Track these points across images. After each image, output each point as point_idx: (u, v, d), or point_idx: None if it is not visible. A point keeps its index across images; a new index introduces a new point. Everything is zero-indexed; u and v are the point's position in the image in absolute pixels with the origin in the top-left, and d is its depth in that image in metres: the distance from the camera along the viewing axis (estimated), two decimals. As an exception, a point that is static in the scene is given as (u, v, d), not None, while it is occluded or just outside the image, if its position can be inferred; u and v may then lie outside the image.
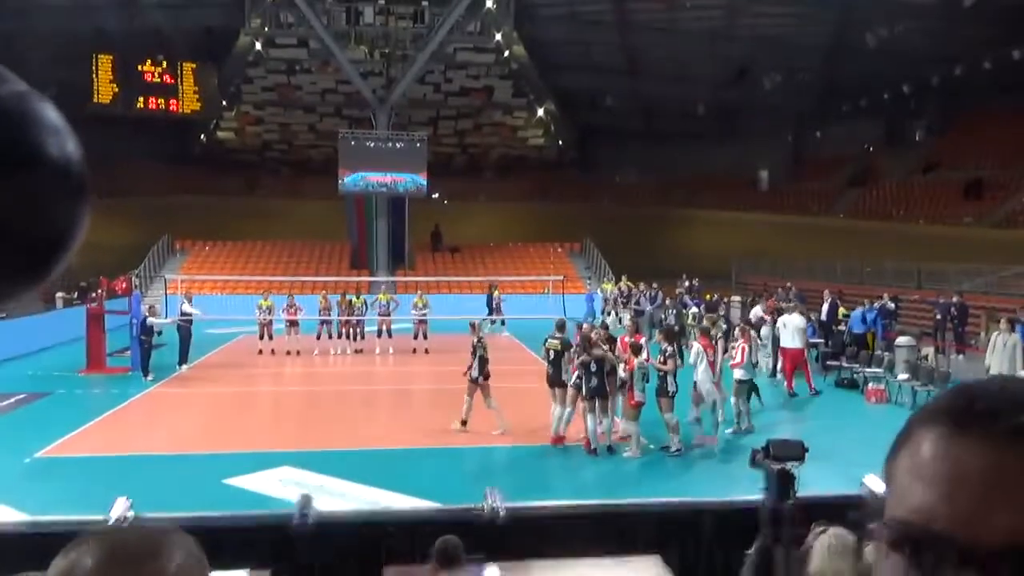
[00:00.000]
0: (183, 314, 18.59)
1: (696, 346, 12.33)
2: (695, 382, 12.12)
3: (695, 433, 12.02)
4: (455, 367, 16.01)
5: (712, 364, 12.15)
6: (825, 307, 20.20)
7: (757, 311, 20.24)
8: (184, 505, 7.40)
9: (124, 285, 25.75)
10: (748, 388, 12.97)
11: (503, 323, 25.42)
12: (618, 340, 12.39)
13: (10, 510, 8.21)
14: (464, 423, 12.23)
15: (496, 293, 26.86)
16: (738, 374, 12.69)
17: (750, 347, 13.25)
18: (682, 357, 19.12)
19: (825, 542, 3.47)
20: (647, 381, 11.13)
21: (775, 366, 16.85)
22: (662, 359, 11.43)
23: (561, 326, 12.40)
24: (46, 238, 0.59)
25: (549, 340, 12.13)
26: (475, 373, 12.23)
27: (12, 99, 0.57)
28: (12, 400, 14.81)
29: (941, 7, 29.62)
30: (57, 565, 0.92)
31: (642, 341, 12.10)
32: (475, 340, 12.52)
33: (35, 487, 9.53)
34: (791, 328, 15.81)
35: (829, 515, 6.25)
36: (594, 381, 11.18)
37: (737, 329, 14.03)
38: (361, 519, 7.13)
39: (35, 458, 10.92)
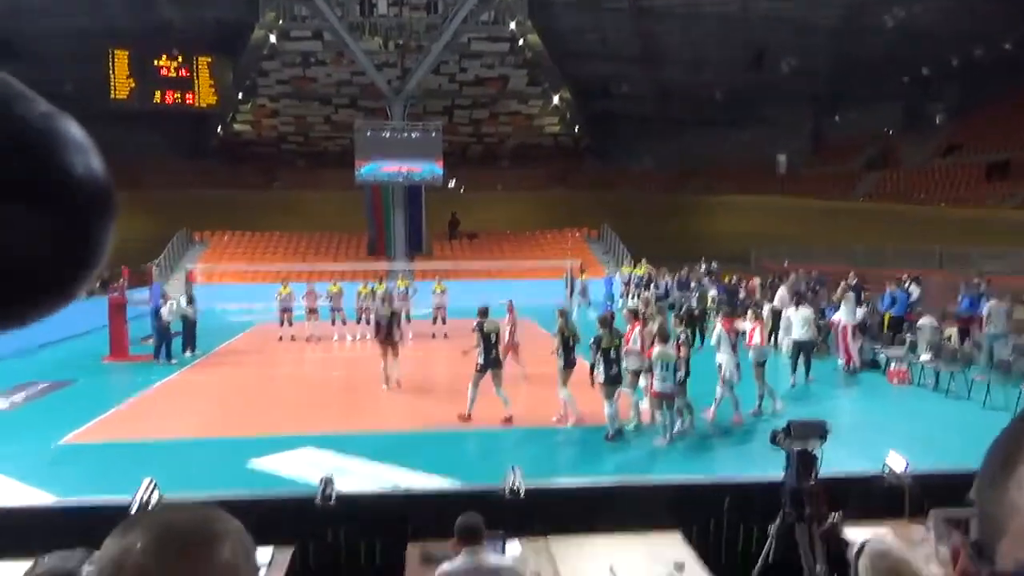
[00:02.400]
0: (189, 302, 18.77)
1: (718, 327, 12.25)
2: (719, 364, 12.06)
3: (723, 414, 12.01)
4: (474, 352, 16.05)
5: (734, 347, 12.09)
6: (851, 294, 20.17)
7: (779, 294, 20.20)
8: (208, 487, 7.47)
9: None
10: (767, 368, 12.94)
11: (589, 305, 25.30)
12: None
13: (40, 492, 8.32)
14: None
15: (583, 277, 26.86)
16: (753, 356, 12.61)
17: (766, 330, 13.24)
18: (702, 340, 19.21)
19: (865, 564, 3.35)
20: (669, 370, 10.80)
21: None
22: (675, 345, 11.26)
23: (484, 312, 12.46)
24: (75, 257, 0.58)
25: (487, 324, 12.24)
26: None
27: (38, 120, 0.56)
28: (38, 388, 14.99)
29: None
30: (110, 548, 0.91)
31: (651, 327, 11.98)
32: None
33: (62, 472, 9.63)
34: (844, 307, 16.12)
35: (851, 492, 6.24)
36: (614, 368, 11.08)
37: (750, 311, 13.98)
38: (384, 497, 7.19)
39: (61, 444, 11.05)
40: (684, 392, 11.39)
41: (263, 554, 5.42)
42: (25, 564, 5.02)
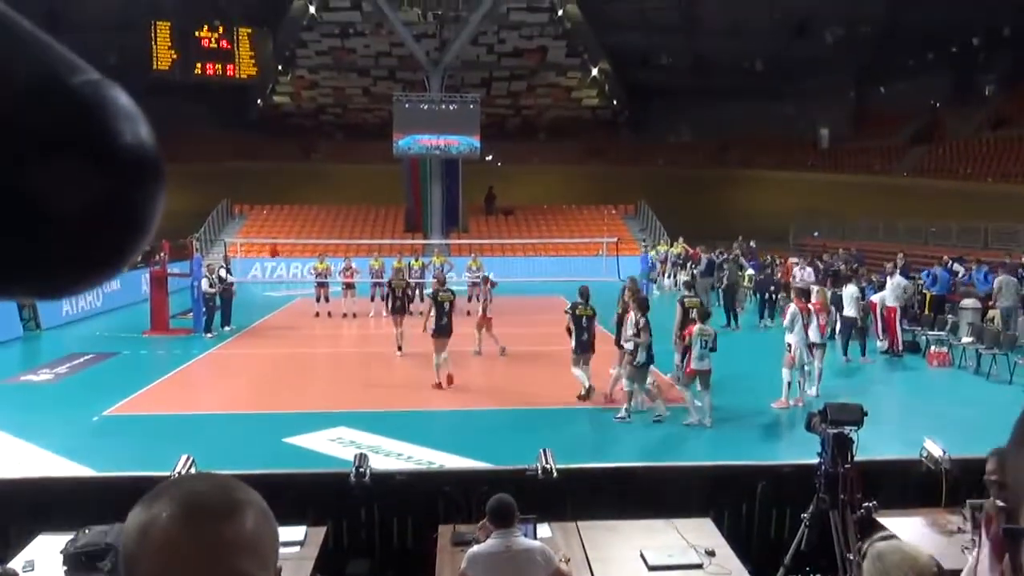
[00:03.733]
0: (222, 280, 18.86)
1: (792, 308, 12.14)
2: (788, 344, 11.91)
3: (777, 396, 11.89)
4: (509, 329, 16.11)
5: (806, 327, 12.01)
6: (894, 269, 19.86)
7: (798, 274, 20.02)
8: (245, 463, 7.59)
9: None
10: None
11: (654, 282, 25.66)
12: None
13: (78, 466, 8.52)
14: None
15: (652, 253, 27.20)
16: (787, 337, 12.39)
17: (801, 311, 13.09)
18: (736, 320, 19.14)
19: (868, 568, 3.28)
20: (710, 348, 10.83)
21: (832, 329, 16.64)
22: (635, 331, 11.03)
23: (440, 281, 13.86)
24: (125, 227, 0.58)
25: (441, 293, 13.12)
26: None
27: (87, 88, 0.56)
28: (80, 360, 15.31)
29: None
30: (135, 517, 0.94)
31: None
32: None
33: (102, 444, 9.85)
34: (891, 288, 15.93)
35: (887, 478, 6.15)
36: (584, 335, 11.79)
37: (816, 290, 13.86)
38: (417, 477, 7.25)
39: (102, 416, 11.29)
40: (638, 378, 11.18)
41: (297, 532, 5.50)
42: (65, 537, 5.16)
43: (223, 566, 0.89)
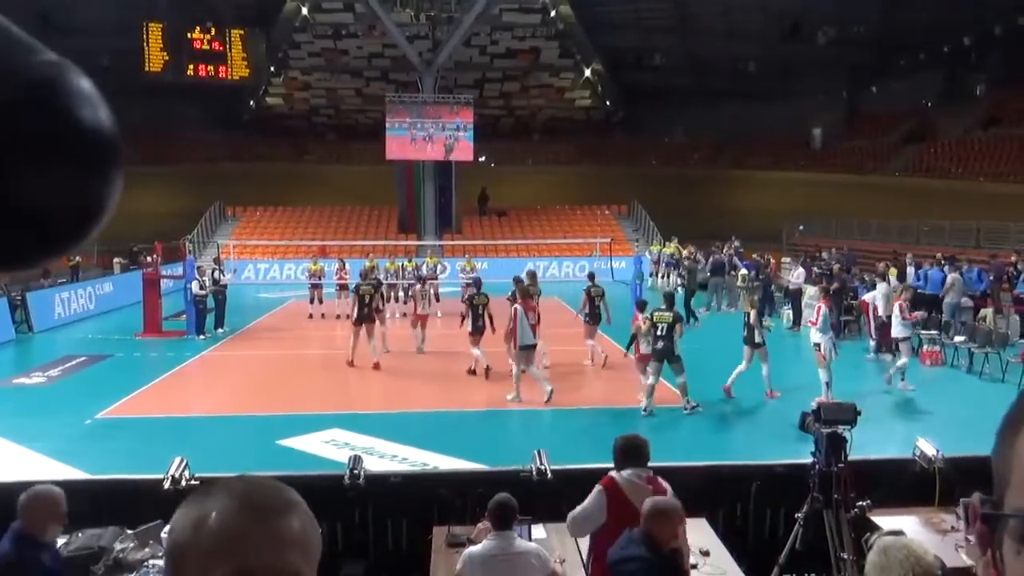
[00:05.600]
0: (215, 282, 18.79)
1: (823, 308, 12.19)
2: (817, 344, 11.94)
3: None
4: (502, 332, 16.05)
5: (870, 324, 12.34)
6: (911, 270, 19.87)
7: (794, 274, 20.06)
8: (238, 465, 7.57)
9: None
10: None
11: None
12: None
13: (71, 469, 8.49)
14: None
15: (671, 250, 27.45)
16: (815, 337, 12.28)
17: (829, 310, 13.03)
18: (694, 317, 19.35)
19: (872, 560, 3.29)
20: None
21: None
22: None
23: (363, 275, 15.84)
24: (79, 207, 0.58)
25: (362, 287, 14.93)
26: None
27: (44, 68, 0.56)
28: (73, 363, 15.25)
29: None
30: (187, 514, 0.95)
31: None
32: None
33: (95, 447, 9.81)
34: (883, 288, 15.78)
35: (881, 478, 6.15)
36: (480, 322, 13.58)
37: (817, 290, 13.88)
38: (411, 479, 7.23)
39: (96, 419, 11.25)
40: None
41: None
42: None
43: (277, 559, 0.91)
